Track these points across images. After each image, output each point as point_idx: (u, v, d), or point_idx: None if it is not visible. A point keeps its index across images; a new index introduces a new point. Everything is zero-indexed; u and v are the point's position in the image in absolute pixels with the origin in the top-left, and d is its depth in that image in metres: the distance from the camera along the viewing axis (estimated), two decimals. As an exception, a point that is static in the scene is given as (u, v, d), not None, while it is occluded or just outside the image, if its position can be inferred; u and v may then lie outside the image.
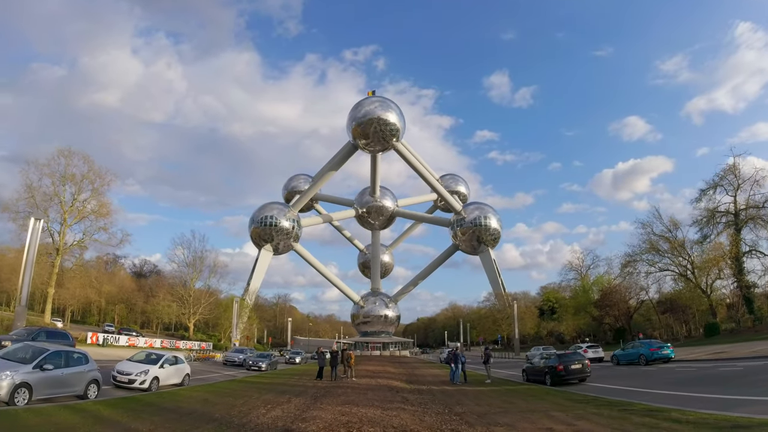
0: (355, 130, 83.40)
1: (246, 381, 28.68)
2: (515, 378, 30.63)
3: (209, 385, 25.04)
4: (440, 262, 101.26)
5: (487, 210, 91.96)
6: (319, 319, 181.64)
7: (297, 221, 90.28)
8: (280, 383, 27.12)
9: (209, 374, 34.81)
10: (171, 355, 24.54)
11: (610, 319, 64.19)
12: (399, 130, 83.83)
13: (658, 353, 31.78)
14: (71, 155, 60.60)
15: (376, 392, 21.52)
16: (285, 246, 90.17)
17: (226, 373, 36.60)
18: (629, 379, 24.32)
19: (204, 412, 15.17)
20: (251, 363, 40.38)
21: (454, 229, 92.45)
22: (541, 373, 25.59)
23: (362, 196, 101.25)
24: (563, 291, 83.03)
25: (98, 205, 61.43)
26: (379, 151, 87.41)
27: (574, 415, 14.02)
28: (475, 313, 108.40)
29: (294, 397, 19.53)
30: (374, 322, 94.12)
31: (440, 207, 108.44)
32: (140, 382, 21.13)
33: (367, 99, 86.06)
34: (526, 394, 20.39)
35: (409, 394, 20.91)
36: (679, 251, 54.02)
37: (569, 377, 23.86)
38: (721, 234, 52.84)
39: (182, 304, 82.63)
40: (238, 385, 25.76)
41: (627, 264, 58.28)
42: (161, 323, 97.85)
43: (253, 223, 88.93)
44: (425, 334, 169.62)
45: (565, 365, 23.94)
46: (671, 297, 58.10)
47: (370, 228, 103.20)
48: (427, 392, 22.21)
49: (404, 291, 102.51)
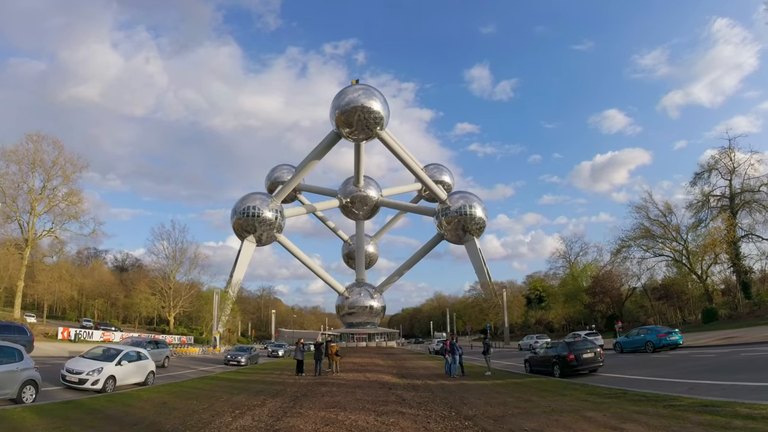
0: (339, 119, 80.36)
1: (220, 378, 25.23)
2: (514, 369, 27.73)
3: (176, 384, 21.60)
4: (425, 251, 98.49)
5: (472, 199, 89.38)
6: (304, 312, 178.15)
7: (280, 212, 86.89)
8: (258, 380, 23.76)
9: (184, 370, 31.43)
10: (132, 351, 21.16)
11: (602, 307, 61.76)
12: (383, 119, 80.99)
13: (666, 339, 29.26)
14: (40, 140, 55.88)
15: (366, 390, 18.29)
16: (268, 237, 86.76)
17: (202, 369, 33.19)
18: (646, 368, 21.53)
19: (154, 421, 11.85)
20: (229, 357, 36.88)
21: (439, 219, 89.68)
22: (547, 363, 22.61)
23: (346, 186, 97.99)
24: (550, 280, 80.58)
25: (69, 192, 56.80)
26: (362, 140, 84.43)
27: (614, 414, 11.05)
28: (461, 303, 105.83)
29: (270, 398, 16.23)
30: (359, 313, 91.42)
31: (425, 197, 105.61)
32: (92, 382, 17.76)
33: (351, 87, 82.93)
34: (539, 389, 17.30)
35: (405, 392, 17.73)
36: (674, 236, 51.63)
37: (581, 367, 20.92)
38: (716, 218, 50.48)
39: (162, 297, 78.52)
40: (210, 383, 22.35)
41: (620, 249, 55.72)
42: (141, 317, 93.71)
43: (235, 214, 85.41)
44: (411, 325, 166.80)
45: (577, 354, 20.97)
46: (666, 283, 55.85)
47: (354, 218, 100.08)
48: (423, 388, 19.06)
49: (389, 281, 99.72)
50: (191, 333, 79.32)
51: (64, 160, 56.31)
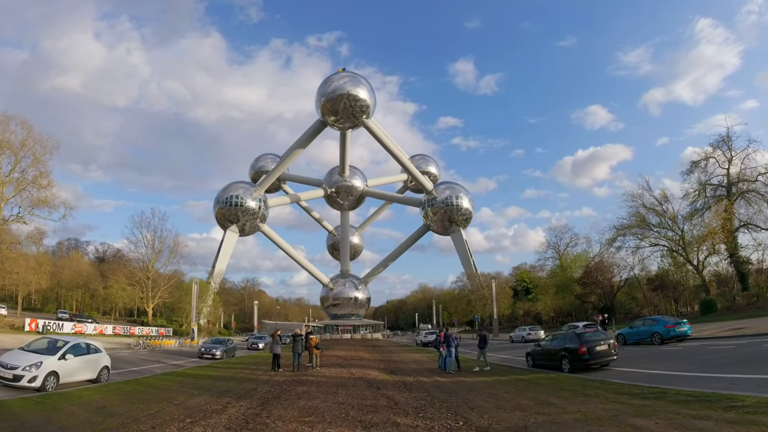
0: (324, 107, 77.29)
1: (186, 375, 22.08)
2: (511, 363, 25.05)
3: (132, 382, 18.49)
4: (411, 242, 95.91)
5: (459, 190, 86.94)
6: (289, 303, 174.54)
7: (264, 201, 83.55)
8: (228, 377, 20.68)
9: (152, 364, 28.28)
10: (82, 343, 18.04)
11: (593, 298, 59.41)
12: (369, 107, 78.03)
13: (674, 330, 26.93)
14: (8, 120, 51.82)
15: (351, 390, 15.29)
16: (251, 227, 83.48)
17: (172, 363, 30.06)
18: (662, 361, 19.10)
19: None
20: (204, 350, 33.60)
21: (425, 209, 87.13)
22: (554, 356, 19.90)
23: (331, 176, 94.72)
24: (537, 271, 78.36)
25: (39, 175, 52.78)
26: (348, 128, 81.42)
27: (670, 422, 8.30)
28: (446, 295, 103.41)
29: (234, 401, 13.19)
30: (344, 304, 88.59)
31: (411, 188, 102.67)
32: (29, 379, 14.83)
33: (337, 74, 79.76)
34: (554, 387, 14.51)
35: (396, 393, 14.81)
36: (670, 225, 49.32)
37: (594, 361, 18.24)
38: (711, 208, 48.27)
39: (140, 287, 74.67)
40: (173, 381, 19.23)
41: (615, 238, 53.29)
42: (119, 309, 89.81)
43: (218, 204, 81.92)
44: (396, 317, 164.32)
45: (590, 346, 18.30)
46: (662, 274, 53.65)
47: (339, 208, 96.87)
48: (417, 387, 16.16)
49: (374, 273, 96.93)
50: (171, 325, 75.59)
51: (33, 141, 52.41)
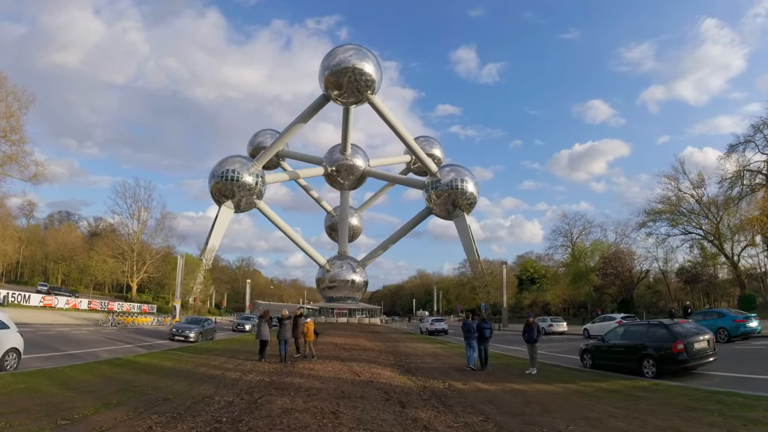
0: (328, 80, 70.90)
1: (129, 364, 16.05)
2: (554, 360, 19.20)
3: (40, 372, 12.79)
4: (412, 226, 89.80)
5: (464, 173, 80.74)
6: (284, 284, 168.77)
7: (261, 177, 77.33)
8: (189, 371, 14.84)
9: (107, 345, 22.66)
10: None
11: (612, 290, 53.92)
12: (375, 82, 71.69)
13: (744, 326, 21.79)
14: (-22, 71, 45.93)
15: (359, 406, 9.44)
16: (247, 203, 77.32)
17: (134, 345, 24.44)
18: (753, 364, 14.30)
19: None
20: (175, 331, 27.75)
21: (428, 192, 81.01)
22: (627, 355, 14.30)
23: (332, 154, 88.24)
24: (544, 261, 72.75)
25: (10, 129, 46.46)
26: (352, 104, 75.01)
27: None
28: (446, 281, 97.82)
29: (161, 425, 7.51)
30: (341, 287, 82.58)
31: (414, 170, 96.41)
32: None
33: (342, 47, 73.57)
34: (664, 403, 8.75)
35: (432, 414, 9.05)
36: (705, 212, 43.67)
37: (692, 363, 12.82)
38: (748, 195, 42.59)
39: (123, 260, 68.77)
40: (100, 374, 13.43)
41: (645, 223, 47.42)
42: (108, 284, 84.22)
43: (213, 178, 75.62)
44: (392, 302, 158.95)
45: (687, 343, 12.75)
46: (690, 266, 48.09)
47: (339, 188, 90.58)
48: (457, 401, 10.47)
49: (373, 255, 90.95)
50: (156, 301, 69.91)
51: (6, 93, 46.13)
